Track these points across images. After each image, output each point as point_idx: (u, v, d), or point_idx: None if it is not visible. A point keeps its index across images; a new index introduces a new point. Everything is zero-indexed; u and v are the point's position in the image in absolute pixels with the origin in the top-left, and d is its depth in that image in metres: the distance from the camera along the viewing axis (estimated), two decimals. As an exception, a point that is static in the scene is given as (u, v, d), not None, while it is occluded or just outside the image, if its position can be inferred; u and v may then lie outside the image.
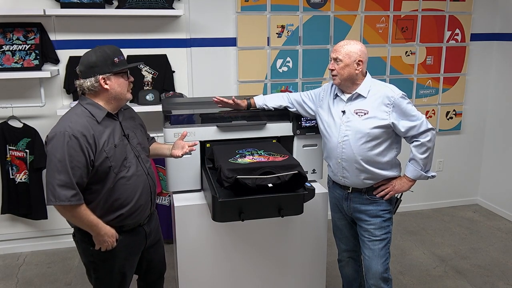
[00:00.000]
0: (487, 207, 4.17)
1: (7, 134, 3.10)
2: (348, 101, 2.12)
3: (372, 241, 2.18)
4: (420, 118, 2.05)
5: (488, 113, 4.08)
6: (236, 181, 1.88)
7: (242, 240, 2.28)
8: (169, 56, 3.28)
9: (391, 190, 2.14)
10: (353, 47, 2.07)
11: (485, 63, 3.97)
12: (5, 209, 3.20)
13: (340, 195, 2.26)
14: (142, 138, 1.99)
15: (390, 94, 2.05)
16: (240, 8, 3.33)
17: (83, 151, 1.69)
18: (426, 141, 2.05)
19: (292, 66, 3.52)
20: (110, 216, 1.82)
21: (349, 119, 2.10)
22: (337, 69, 2.08)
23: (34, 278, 3.00)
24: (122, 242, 1.89)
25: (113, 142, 1.80)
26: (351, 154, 2.10)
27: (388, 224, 2.19)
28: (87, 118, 1.76)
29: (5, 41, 2.99)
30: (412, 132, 2.05)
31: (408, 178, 2.14)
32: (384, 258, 2.18)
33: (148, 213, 1.97)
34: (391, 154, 2.12)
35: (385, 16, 3.62)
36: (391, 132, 2.09)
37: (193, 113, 2.30)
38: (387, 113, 2.05)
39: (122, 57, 1.83)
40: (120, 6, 3.07)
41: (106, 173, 1.76)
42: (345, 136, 2.10)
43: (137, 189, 1.87)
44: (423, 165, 2.10)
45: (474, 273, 3.07)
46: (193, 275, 2.27)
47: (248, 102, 2.38)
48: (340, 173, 2.18)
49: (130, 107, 2.07)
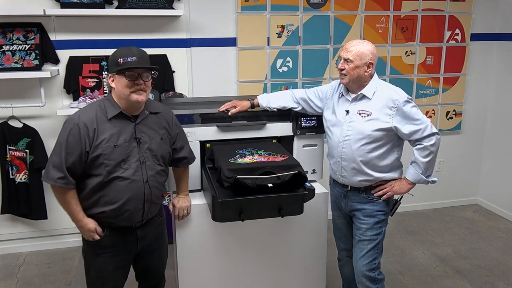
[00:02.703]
0: (487, 207, 4.16)
1: (7, 134, 3.10)
2: (352, 101, 2.12)
3: (362, 240, 2.18)
4: (425, 122, 2.03)
5: (488, 113, 4.08)
6: (236, 181, 1.88)
7: (242, 240, 2.28)
8: (169, 56, 3.27)
9: (389, 190, 2.13)
10: (364, 48, 2.04)
11: (485, 63, 3.97)
12: (5, 209, 3.19)
13: (339, 193, 2.26)
14: (158, 146, 1.93)
15: (395, 97, 2.03)
16: (240, 8, 3.33)
17: (81, 141, 1.78)
18: (430, 145, 2.03)
19: (292, 66, 3.52)
20: (93, 210, 1.88)
21: (352, 119, 2.09)
22: (347, 69, 2.06)
23: (34, 278, 3.00)
24: (108, 238, 1.91)
25: (115, 141, 1.81)
26: (351, 154, 2.10)
27: (381, 225, 2.18)
28: (98, 112, 1.84)
29: (5, 41, 2.99)
30: (415, 135, 2.04)
31: (408, 180, 2.12)
32: (371, 258, 2.17)
33: (137, 220, 1.92)
34: (391, 157, 2.12)
35: (385, 16, 3.62)
36: (393, 135, 2.08)
37: (193, 113, 2.30)
38: (390, 116, 2.04)
39: (132, 58, 1.80)
40: (120, 6, 3.07)
41: (97, 168, 1.81)
42: (347, 136, 2.10)
43: (127, 193, 1.84)
44: (424, 169, 2.08)
45: (474, 273, 3.07)
46: (193, 275, 2.27)
47: (252, 103, 2.36)
48: (339, 172, 2.18)
49: (167, 115, 2.02)
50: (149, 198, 1.91)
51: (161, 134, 1.95)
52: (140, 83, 1.82)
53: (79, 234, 1.97)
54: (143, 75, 1.82)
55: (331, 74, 3.60)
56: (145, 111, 1.92)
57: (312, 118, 2.37)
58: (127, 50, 1.84)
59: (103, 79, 3.19)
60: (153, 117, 1.95)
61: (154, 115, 1.96)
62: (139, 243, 1.98)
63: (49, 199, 3.26)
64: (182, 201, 2.15)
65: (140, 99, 1.82)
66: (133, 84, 1.81)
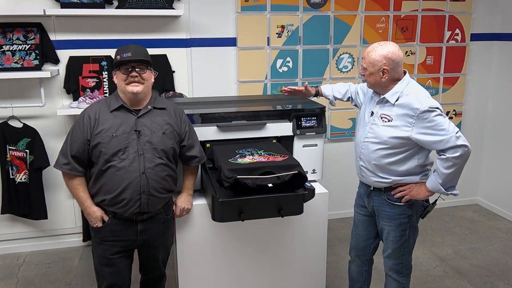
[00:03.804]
0: (487, 207, 4.16)
1: (7, 134, 3.10)
2: (378, 103, 2.09)
3: (387, 239, 2.19)
4: (450, 133, 1.90)
5: (488, 113, 4.08)
6: (236, 181, 1.88)
7: (242, 240, 2.28)
8: (169, 56, 3.27)
9: (407, 193, 2.07)
10: (377, 54, 1.98)
11: (485, 63, 3.97)
12: (5, 209, 3.19)
13: (364, 191, 2.25)
14: (159, 140, 1.98)
15: (416, 106, 1.93)
16: (240, 8, 3.33)
17: (84, 129, 1.94)
18: (453, 157, 1.91)
19: (292, 66, 3.52)
20: (97, 198, 2.00)
21: (374, 121, 2.08)
22: (365, 76, 2.06)
23: (34, 278, 3.00)
24: (109, 226, 2.01)
25: (114, 132, 1.93)
26: (368, 156, 2.10)
27: (404, 228, 2.13)
28: (102, 105, 2.00)
29: (5, 41, 2.99)
30: (437, 146, 1.93)
31: (427, 188, 2.03)
32: (397, 257, 2.18)
33: (135, 210, 1.96)
34: (410, 163, 2.04)
35: (385, 16, 3.62)
36: (412, 143, 2.00)
37: (193, 113, 2.30)
38: (410, 125, 1.96)
39: (126, 53, 1.92)
40: (120, 6, 3.07)
41: (97, 156, 1.94)
42: (366, 138, 2.10)
43: (123, 182, 1.92)
44: (444, 180, 1.96)
45: (474, 273, 3.07)
46: (193, 275, 2.27)
47: (316, 90, 2.54)
48: (359, 171, 2.20)
49: (175, 112, 2.08)
50: (146, 189, 1.95)
51: (164, 129, 2.01)
52: (135, 75, 1.94)
53: (79, 234, 1.99)
54: (137, 67, 1.94)
55: (331, 74, 3.60)
56: (148, 105, 2.01)
57: (312, 118, 2.37)
58: (125, 47, 1.97)
59: (103, 79, 3.19)
60: (157, 112, 2.03)
61: (159, 110, 2.04)
62: (139, 236, 2.04)
63: (49, 199, 3.26)
64: (184, 202, 2.17)
65: (135, 90, 1.94)
66: (127, 77, 1.94)
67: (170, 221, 2.16)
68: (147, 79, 1.98)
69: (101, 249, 2.04)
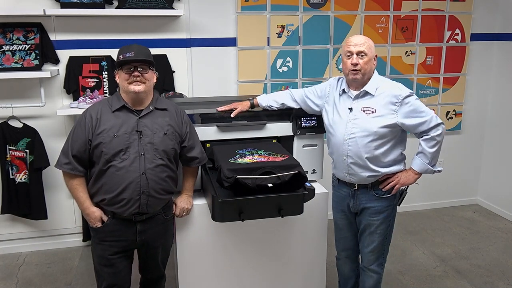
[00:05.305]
0: (487, 207, 4.16)
1: (7, 134, 3.10)
2: (355, 99, 2.11)
3: (372, 234, 2.21)
4: (430, 113, 2.06)
5: (488, 113, 4.08)
6: (236, 181, 1.88)
7: (242, 240, 2.28)
8: (169, 56, 3.27)
9: (397, 183, 2.15)
10: (370, 41, 2.08)
11: (485, 63, 3.97)
12: (5, 209, 3.19)
13: (346, 193, 2.24)
14: (160, 141, 1.98)
15: (398, 93, 2.04)
16: (240, 8, 3.33)
17: (85, 129, 1.94)
18: (436, 135, 2.07)
19: (292, 66, 3.52)
20: (97, 197, 1.99)
21: (356, 116, 2.09)
22: (361, 64, 2.04)
23: (34, 278, 3.00)
24: (108, 226, 2.01)
25: (116, 132, 1.92)
26: (357, 151, 2.10)
27: (389, 218, 2.22)
28: (104, 105, 2.00)
29: (5, 41, 2.99)
30: (422, 127, 2.06)
31: (414, 171, 2.15)
32: (380, 250, 2.24)
33: (134, 210, 1.96)
34: (395, 152, 2.13)
35: (385, 16, 3.62)
36: (397, 131, 2.10)
37: (193, 113, 2.31)
38: (394, 112, 2.05)
39: (129, 53, 1.92)
40: (120, 6, 3.07)
41: (98, 156, 1.94)
42: (352, 134, 2.10)
43: (123, 182, 1.92)
44: (431, 158, 2.11)
45: (474, 273, 3.07)
46: (193, 275, 2.27)
47: (251, 103, 2.39)
48: (346, 170, 2.17)
49: (176, 113, 2.08)
50: (146, 190, 1.95)
51: (165, 130, 2.01)
52: (137, 75, 1.93)
53: (79, 234, 1.99)
54: (139, 67, 1.94)
55: (331, 74, 3.60)
56: (150, 106, 2.01)
57: (312, 118, 2.37)
58: (127, 47, 1.96)
59: (103, 79, 3.19)
60: (159, 112, 2.03)
61: (161, 111, 2.04)
62: (138, 237, 2.04)
63: (49, 199, 3.26)
64: (184, 202, 2.17)
65: (137, 89, 1.94)
66: (129, 76, 1.94)
67: (170, 222, 2.16)
68: (149, 79, 1.98)
69: (101, 249, 2.04)
